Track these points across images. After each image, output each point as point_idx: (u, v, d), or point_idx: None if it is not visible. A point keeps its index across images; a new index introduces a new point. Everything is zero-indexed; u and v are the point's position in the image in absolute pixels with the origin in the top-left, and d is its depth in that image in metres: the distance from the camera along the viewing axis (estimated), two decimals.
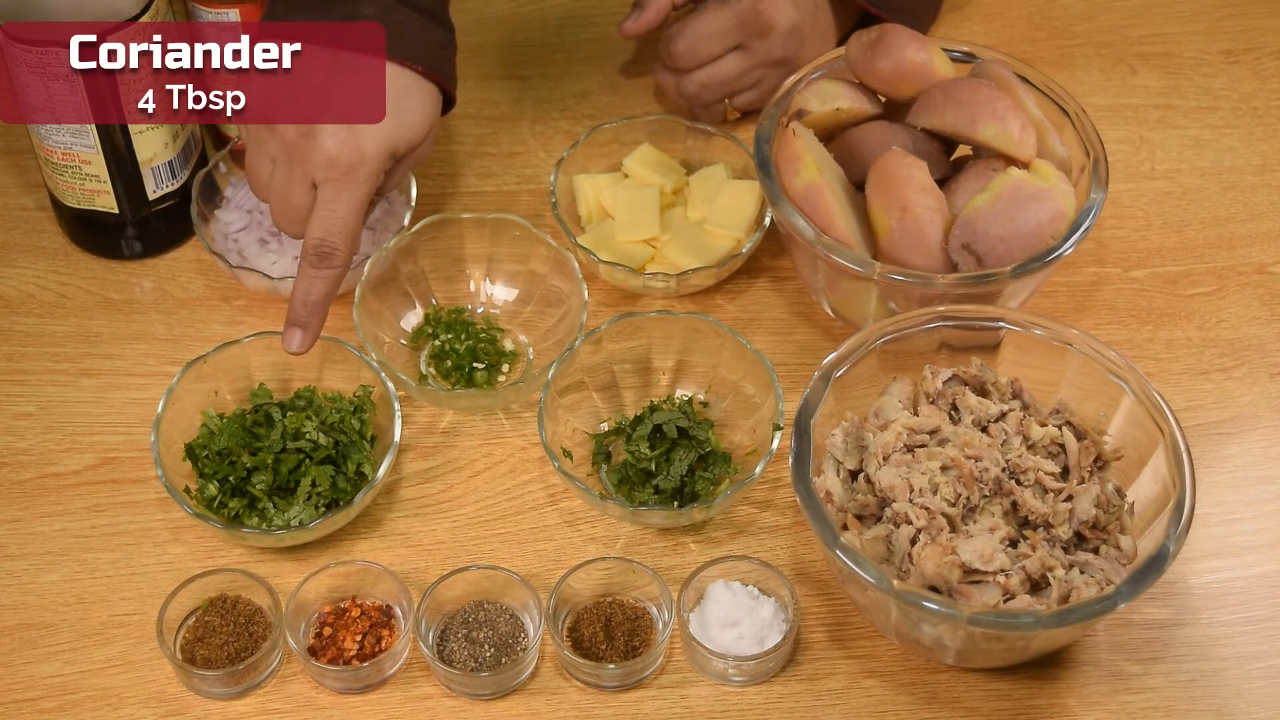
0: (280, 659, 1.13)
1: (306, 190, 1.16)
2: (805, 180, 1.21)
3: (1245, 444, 1.24)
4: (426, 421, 1.25)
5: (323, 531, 1.17)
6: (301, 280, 1.16)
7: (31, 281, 1.33)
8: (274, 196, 1.17)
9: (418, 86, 1.17)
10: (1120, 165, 1.40)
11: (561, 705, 1.11)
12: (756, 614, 1.12)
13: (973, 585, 1.06)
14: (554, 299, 1.29)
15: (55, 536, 1.19)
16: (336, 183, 1.14)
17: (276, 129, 1.15)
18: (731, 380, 1.24)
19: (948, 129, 1.22)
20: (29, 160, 1.39)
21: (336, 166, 1.14)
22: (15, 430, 1.24)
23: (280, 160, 1.15)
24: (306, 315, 1.17)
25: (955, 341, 1.17)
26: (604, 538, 1.19)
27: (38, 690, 1.12)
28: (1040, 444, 1.13)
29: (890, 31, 1.25)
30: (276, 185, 1.16)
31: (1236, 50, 1.49)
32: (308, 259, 1.16)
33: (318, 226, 1.15)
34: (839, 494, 1.12)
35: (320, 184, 1.15)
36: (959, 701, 1.11)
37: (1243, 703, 1.11)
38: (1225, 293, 1.32)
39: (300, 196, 1.16)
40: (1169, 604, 1.15)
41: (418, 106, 1.17)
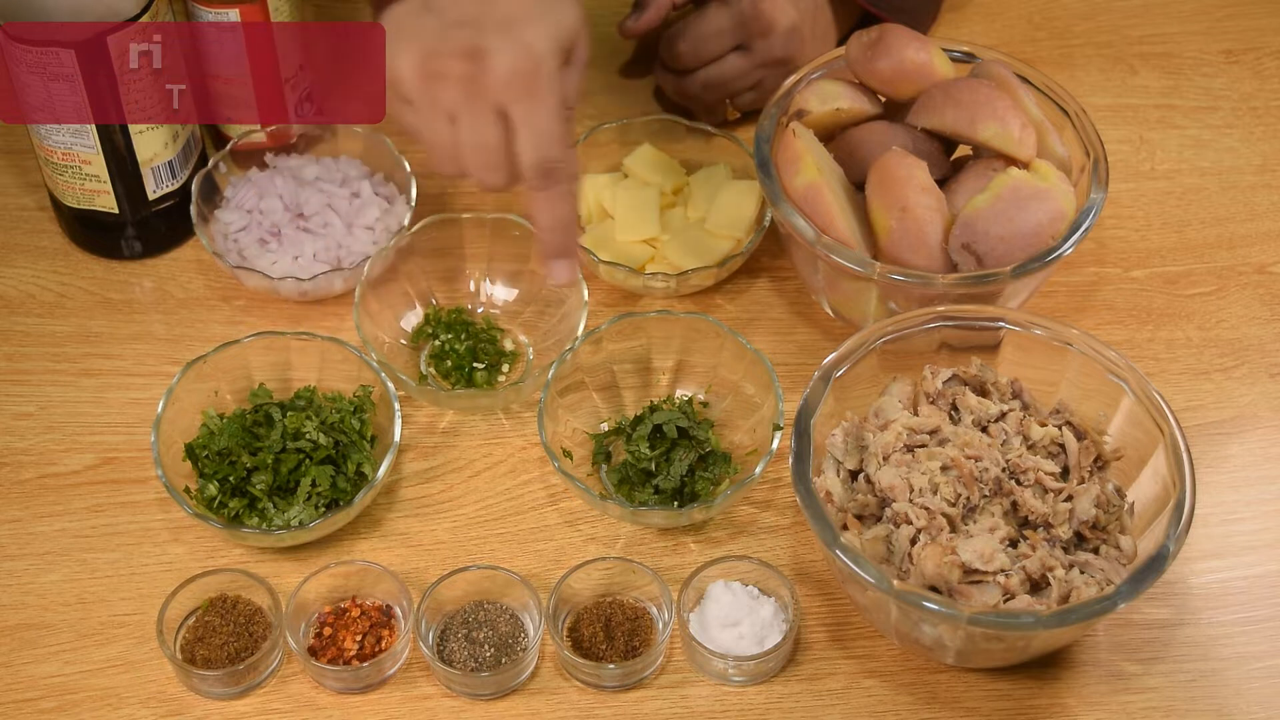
0: (280, 659, 1.13)
1: (497, 122, 1.06)
2: (805, 180, 1.21)
3: (1245, 444, 1.24)
4: (426, 421, 1.25)
5: (323, 531, 1.17)
6: (541, 208, 1.09)
7: (31, 281, 1.33)
8: (470, 153, 1.07)
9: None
10: (1120, 165, 1.40)
11: (561, 705, 1.11)
12: (756, 614, 1.12)
13: (973, 585, 1.06)
14: (554, 299, 1.29)
15: (55, 536, 1.19)
16: (526, 97, 1.05)
17: (443, 75, 1.05)
18: (731, 380, 1.24)
19: (948, 129, 1.22)
20: (29, 160, 1.39)
21: (518, 79, 1.05)
22: (15, 430, 1.24)
23: (460, 105, 1.06)
24: (562, 240, 1.10)
25: (955, 341, 1.17)
26: (604, 538, 1.19)
27: (38, 690, 1.12)
28: (1040, 444, 1.13)
29: (890, 31, 1.25)
30: (467, 137, 1.06)
31: (1236, 50, 1.49)
32: (535, 185, 1.08)
33: (528, 149, 1.06)
34: (839, 494, 1.12)
35: (510, 107, 1.06)
36: (959, 701, 1.11)
37: (1243, 703, 1.11)
38: (1225, 293, 1.32)
39: (495, 133, 1.06)
40: (1169, 604, 1.15)
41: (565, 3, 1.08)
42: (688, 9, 1.38)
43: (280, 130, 1.35)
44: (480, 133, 1.06)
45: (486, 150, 1.07)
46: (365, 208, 1.31)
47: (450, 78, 1.05)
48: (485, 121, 1.06)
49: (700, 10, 1.35)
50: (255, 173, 1.34)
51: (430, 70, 1.05)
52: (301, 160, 1.35)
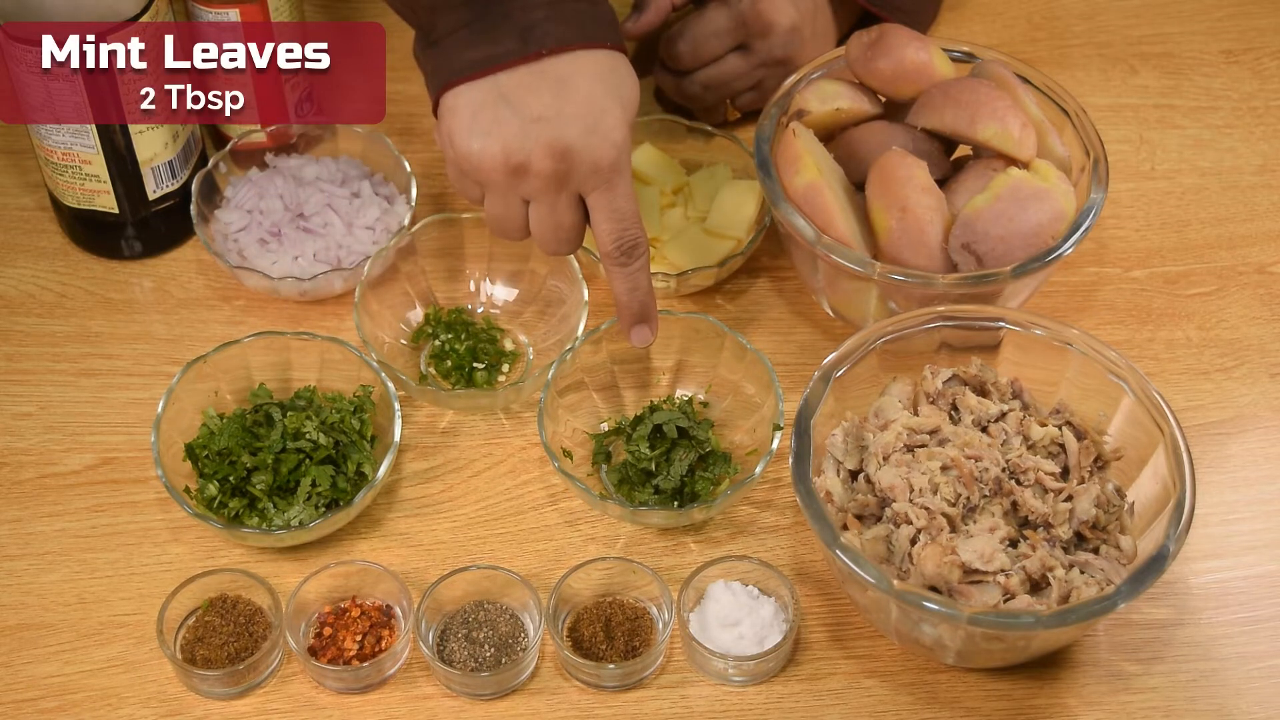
0: (280, 659, 1.13)
1: (576, 207, 1.12)
2: (805, 180, 1.21)
3: (1245, 444, 1.24)
4: (426, 421, 1.25)
5: (323, 531, 1.17)
6: (622, 281, 1.15)
7: (31, 281, 1.33)
8: (541, 229, 1.13)
9: (618, 61, 1.13)
10: (1120, 165, 1.40)
11: (561, 705, 1.11)
12: (756, 614, 1.12)
13: (973, 585, 1.06)
14: (554, 299, 1.29)
15: (55, 536, 1.19)
16: (607, 186, 1.11)
17: (528, 170, 1.10)
18: (731, 380, 1.24)
19: (948, 129, 1.22)
20: (29, 160, 1.39)
21: (601, 171, 1.10)
22: (15, 430, 1.24)
23: (541, 194, 1.11)
24: (643, 307, 1.16)
25: (955, 341, 1.17)
26: (604, 538, 1.19)
27: (38, 690, 1.12)
28: (1040, 444, 1.13)
29: (890, 31, 1.25)
30: (541, 219, 1.13)
31: (1236, 50, 1.49)
32: (617, 261, 1.13)
33: (609, 231, 1.12)
34: (839, 494, 1.12)
35: (590, 193, 1.12)
36: (959, 701, 1.11)
37: (1243, 703, 1.11)
38: (1225, 293, 1.32)
39: (573, 216, 1.13)
40: (1169, 604, 1.15)
41: (626, 77, 1.13)
42: (687, 10, 1.38)
43: (280, 130, 1.35)
44: (559, 217, 1.12)
45: (562, 230, 1.13)
46: (365, 208, 1.31)
47: (534, 174, 1.09)
48: (563, 208, 1.12)
49: (700, 11, 1.35)
50: (255, 173, 1.34)
51: (514, 165, 1.09)
52: (301, 160, 1.35)
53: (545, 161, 1.09)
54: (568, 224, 1.13)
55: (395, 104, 1.43)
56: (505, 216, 1.14)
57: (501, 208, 1.13)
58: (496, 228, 1.15)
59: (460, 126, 1.10)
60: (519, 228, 1.14)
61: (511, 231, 1.15)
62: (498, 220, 1.14)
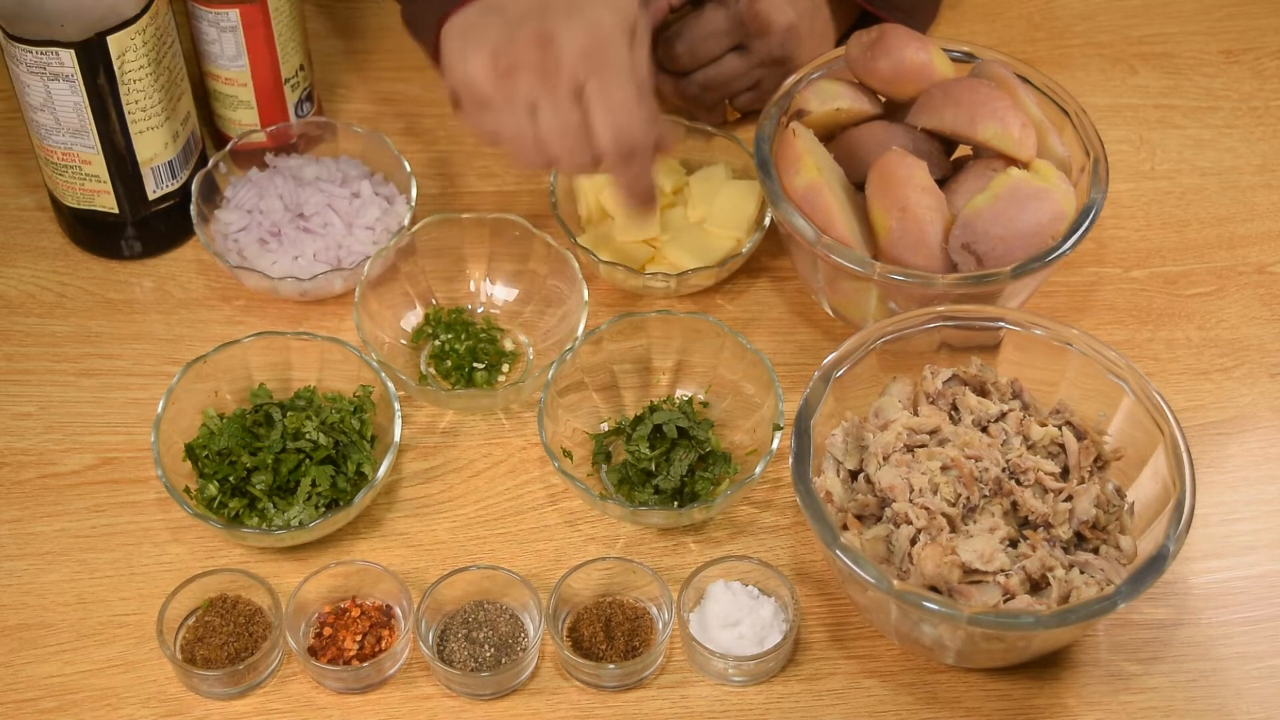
0: (280, 659, 1.13)
1: (576, 103, 1.08)
2: (805, 180, 1.21)
3: (1245, 444, 1.24)
4: (426, 421, 1.25)
5: (323, 531, 1.17)
6: (621, 179, 1.12)
7: (31, 281, 1.33)
8: (554, 139, 1.09)
9: None
10: (1120, 165, 1.40)
11: (561, 705, 1.11)
12: (756, 614, 1.12)
13: (973, 585, 1.06)
14: (554, 299, 1.29)
15: (55, 536, 1.19)
16: (599, 71, 1.07)
17: (516, 67, 1.06)
18: (731, 380, 1.24)
19: (948, 129, 1.22)
20: (29, 160, 1.39)
21: (590, 55, 1.07)
22: (15, 430, 1.24)
23: (537, 92, 1.07)
24: (642, 204, 1.14)
25: (955, 341, 1.18)
26: (604, 538, 1.19)
27: (38, 690, 1.12)
28: (1040, 444, 1.13)
29: (890, 31, 1.25)
30: (548, 123, 1.08)
31: (1236, 50, 1.49)
32: (615, 167, 1.10)
33: (604, 126, 1.08)
34: (839, 494, 1.12)
35: (585, 85, 1.07)
36: (959, 701, 1.11)
37: (1243, 703, 1.11)
38: (1225, 293, 1.32)
39: (575, 114, 1.08)
40: (1169, 604, 1.15)
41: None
42: (685, 10, 1.38)
43: (280, 130, 1.35)
44: (561, 116, 1.08)
45: (569, 132, 1.08)
46: (365, 208, 1.31)
47: (524, 68, 1.07)
48: (564, 104, 1.08)
49: (697, 11, 1.35)
50: (255, 173, 1.34)
51: (503, 66, 1.07)
52: (301, 160, 1.35)
53: (530, 51, 1.06)
54: (573, 124, 1.08)
55: (395, 104, 1.43)
56: (517, 134, 1.10)
57: (510, 124, 1.09)
58: (514, 152, 1.11)
59: (455, 51, 1.08)
60: (532, 145, 1.10)
61: (527, 151, 1.10)
62: (512, 141, 1.10)
